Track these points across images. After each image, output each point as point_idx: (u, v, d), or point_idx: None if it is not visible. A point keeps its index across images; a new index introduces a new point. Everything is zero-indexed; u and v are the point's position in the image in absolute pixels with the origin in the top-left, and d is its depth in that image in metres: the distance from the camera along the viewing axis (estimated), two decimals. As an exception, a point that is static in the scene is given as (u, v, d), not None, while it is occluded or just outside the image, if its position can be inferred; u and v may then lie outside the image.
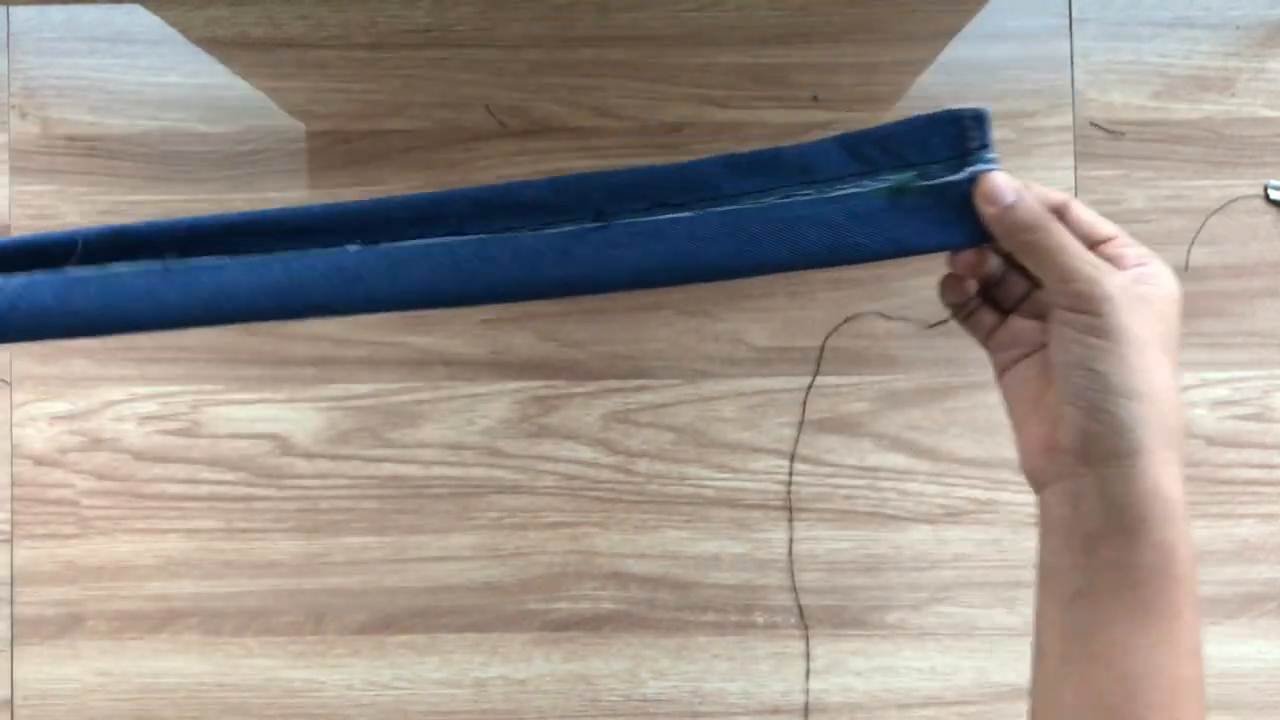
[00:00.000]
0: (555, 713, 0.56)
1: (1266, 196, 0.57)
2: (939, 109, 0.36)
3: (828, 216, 0.38)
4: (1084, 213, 0.38)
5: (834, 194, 0.38)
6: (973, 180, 0.37)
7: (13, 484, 0.57)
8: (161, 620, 0.56)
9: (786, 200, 0.39)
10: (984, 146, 0.37)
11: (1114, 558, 0.35)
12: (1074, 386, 0.36)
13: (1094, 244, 0.37)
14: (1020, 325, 0.39)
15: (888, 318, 0.57)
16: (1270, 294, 0.56)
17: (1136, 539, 0.35)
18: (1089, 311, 0.35)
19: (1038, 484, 0.37)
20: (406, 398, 0.56)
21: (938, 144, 0.38)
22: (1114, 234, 0.38)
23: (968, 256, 0.38)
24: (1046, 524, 0.36)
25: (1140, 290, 0.36)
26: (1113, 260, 0.37)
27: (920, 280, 0.57)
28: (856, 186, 0.39)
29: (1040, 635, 0.36)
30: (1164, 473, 0.35)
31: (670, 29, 0.57)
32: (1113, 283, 0.35)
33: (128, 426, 0.56)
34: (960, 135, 0.37)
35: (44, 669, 0.56)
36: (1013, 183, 0.37)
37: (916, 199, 0.38)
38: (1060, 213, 0.38)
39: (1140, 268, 0.37)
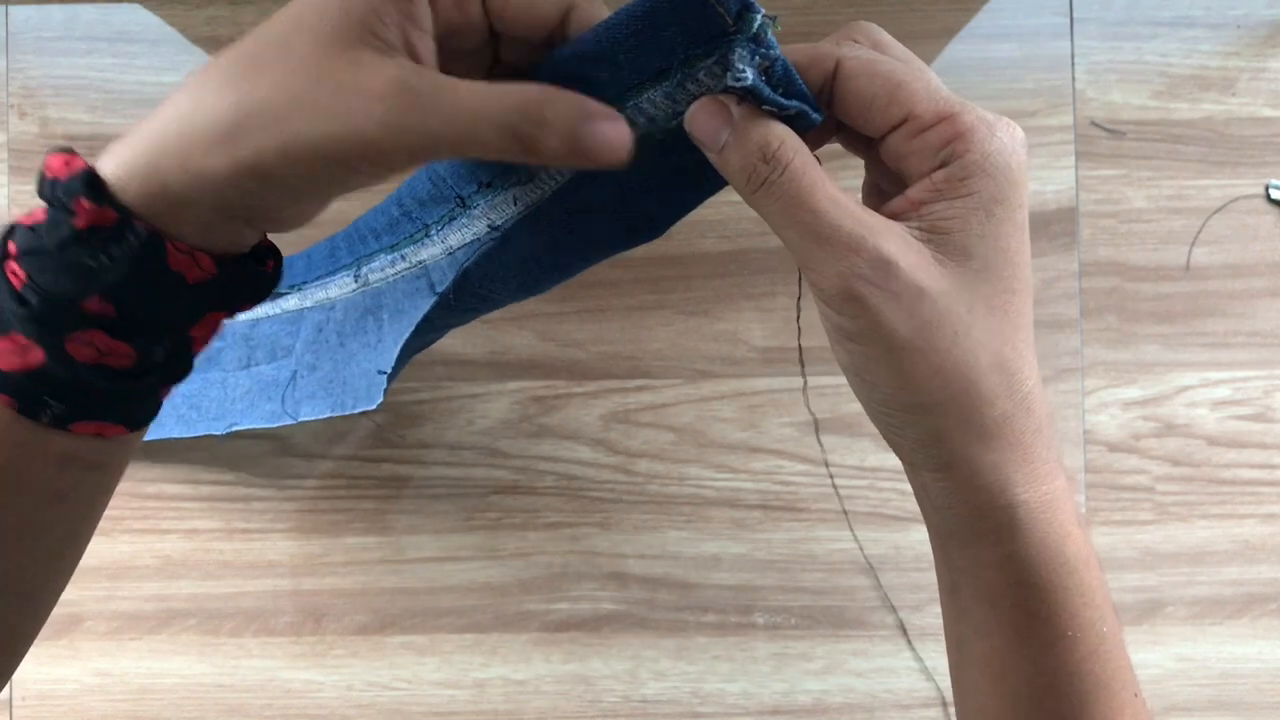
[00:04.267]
0: (555, 713, 0.55)
1: (1268, 196, 0.56)
2: None
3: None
4: (867, 79, 0.27)
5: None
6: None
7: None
8: (160, 621, 0.56)
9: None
10: (736, 31, 0.26)
11: (965, 565, 0.30)
12: (856, 391, 0.29)
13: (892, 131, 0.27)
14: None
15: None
16: (1271, 294, 0.56)
17: (981, 551, 0.29)
18: (835, 310, 0.27)
19: None
20: (406, 398, 0.56)
21: (677, 35, 0.26)
22: (900, 118, 0.26)
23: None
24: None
25: (908, 262, 0.26)
26: (906, 176, 0.27)
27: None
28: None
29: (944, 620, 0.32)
30: (995, 480, 0.28)
31: (670, 28, 0.57)
32: (857, 267, 0.26)
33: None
34: (701, 20, 0.26)
35: (43, 669, 0.55)
36: (724, 113, 0.26)
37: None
38: (833, 82, 0.27)
39: (927, 208, 0.26)
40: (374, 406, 0.43)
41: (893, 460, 0.56)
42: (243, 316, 0.48)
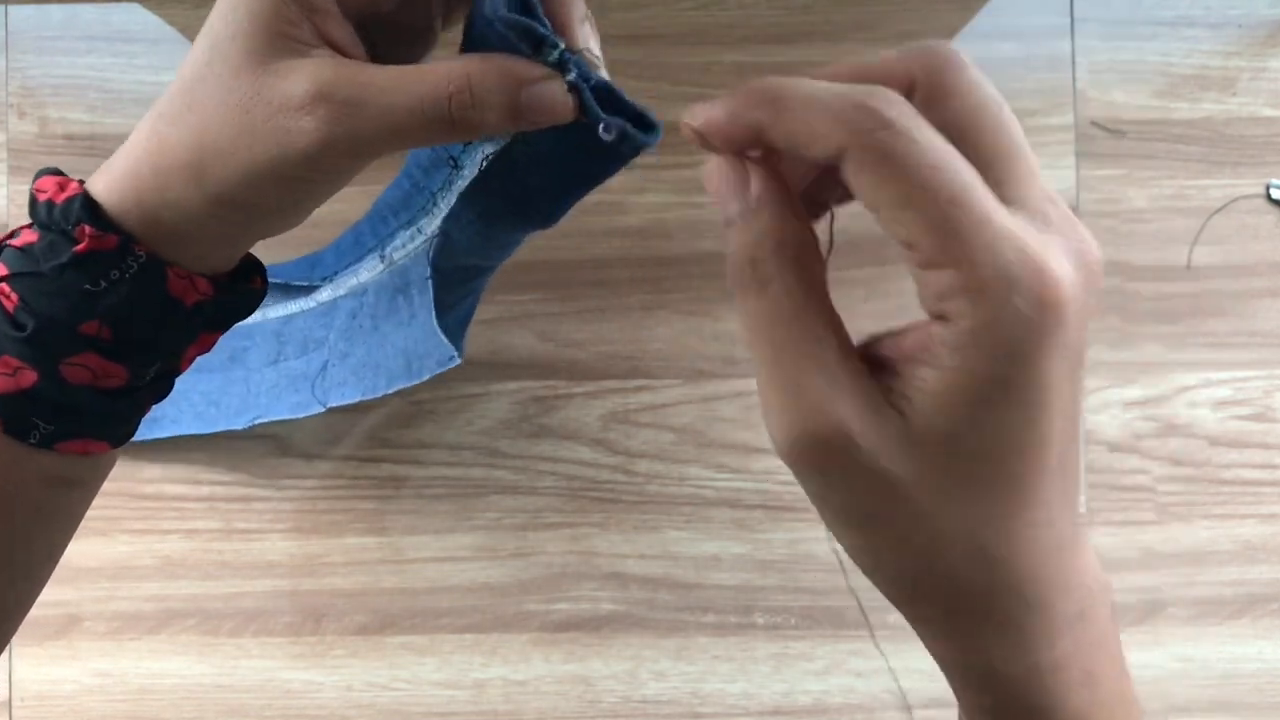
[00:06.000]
0: (555, 713, 0.55)
1: (1268, 196, 0.56)
2: None
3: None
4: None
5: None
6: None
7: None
8: (160, 621, 0.55)
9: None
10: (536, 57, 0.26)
11: (960, 702, 0.30)
12: None
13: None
14: None
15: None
16: (1272, 294, 0.56)
17: (965, 695, 0.29)
18: (786, 464, 0.24)
19: None
20: (405, 397, 0.56)
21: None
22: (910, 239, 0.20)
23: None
24: None
25: (870, 443, 0.21)
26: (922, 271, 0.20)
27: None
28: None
29: None
30: (961, 644, 0.26)
31: (670, 28, 0.57)
32: (808, 437, 0.22)
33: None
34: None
35: (42, 670, 0.55)
36: (741, 183, 0.22)
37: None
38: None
39: (915, 369, 0.21)
40: (416, 381, 0.44)
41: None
42: (275, 313, 0.49)
